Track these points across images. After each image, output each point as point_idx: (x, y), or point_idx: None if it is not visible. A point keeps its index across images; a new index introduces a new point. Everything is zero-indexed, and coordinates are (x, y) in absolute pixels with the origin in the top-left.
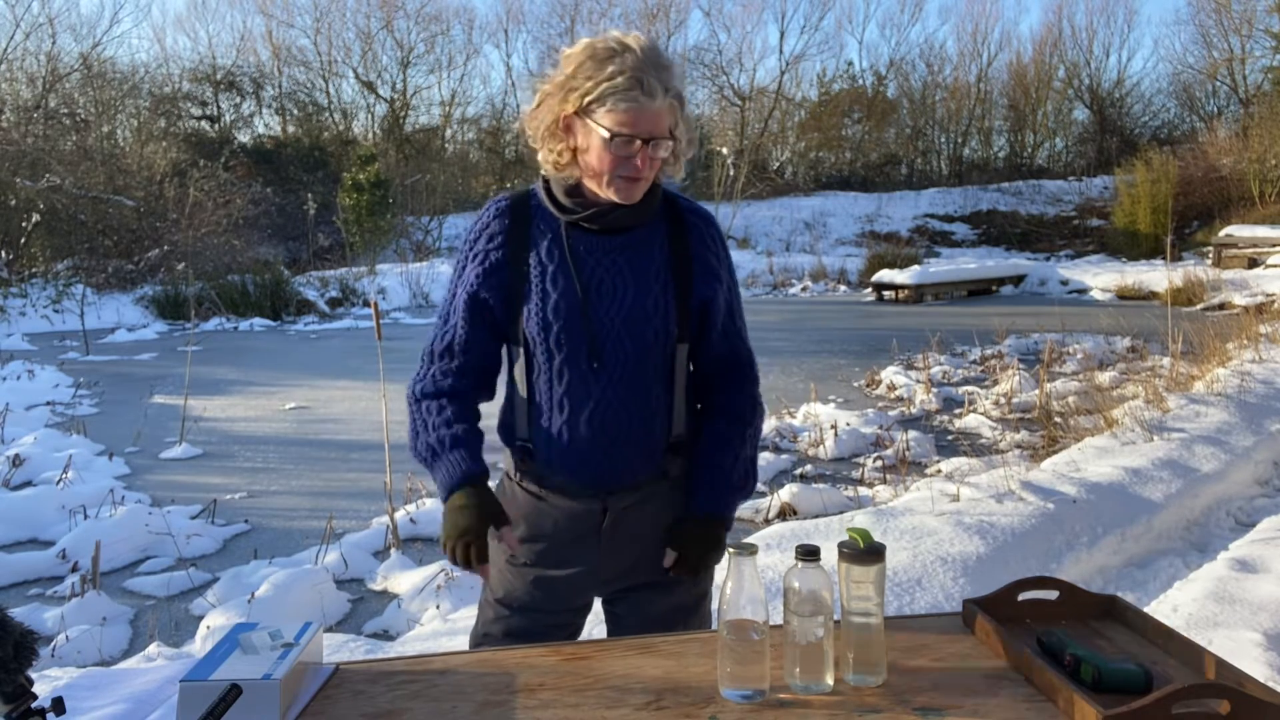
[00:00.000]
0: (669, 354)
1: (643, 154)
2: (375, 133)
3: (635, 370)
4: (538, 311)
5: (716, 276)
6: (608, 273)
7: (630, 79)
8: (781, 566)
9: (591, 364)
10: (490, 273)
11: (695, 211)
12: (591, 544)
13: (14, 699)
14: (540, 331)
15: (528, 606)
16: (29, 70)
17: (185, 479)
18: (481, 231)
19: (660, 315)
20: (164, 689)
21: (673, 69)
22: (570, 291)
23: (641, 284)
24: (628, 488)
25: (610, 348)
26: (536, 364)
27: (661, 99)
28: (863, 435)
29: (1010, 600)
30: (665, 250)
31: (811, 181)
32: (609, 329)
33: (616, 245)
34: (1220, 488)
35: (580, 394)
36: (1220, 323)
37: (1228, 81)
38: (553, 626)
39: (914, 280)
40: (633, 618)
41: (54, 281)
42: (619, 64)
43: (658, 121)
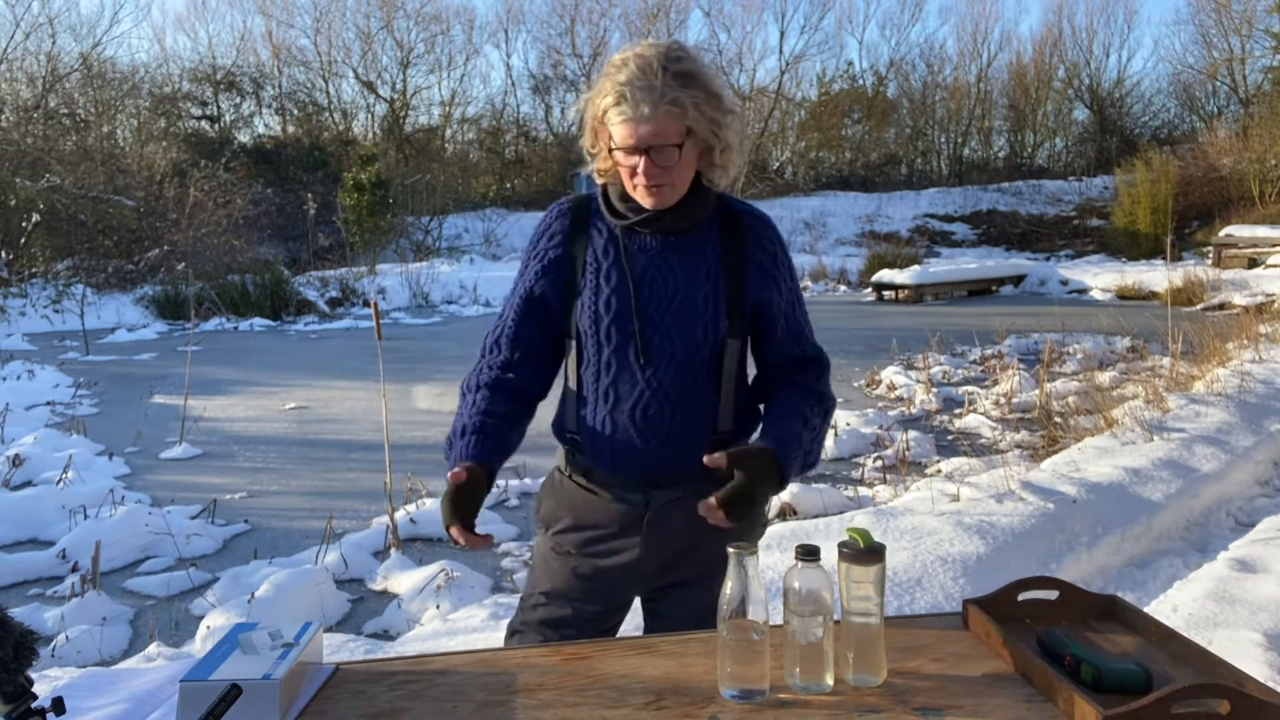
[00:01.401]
0: (717, 349)
1: (645, 164)
2: (375, 133)
3: (682, 364)
4: (590, 305)
5: (772, 279)
6: (659, 270)
7: (617, 95)
8: (781, 566)
9: (639, 358)
10: (549, 269)
11: (750, 213)
12: (634, 538)
13: (14, 699)
14: (591, 324)
15: (567, 596)
16: (29, 70)
17: (185, 479)
18: (544, 232)
19: (710, 311)
20: (164, 689)
21: (687, 75)
22: (622, 286)
23: (692, 281)
24: (671, 482)
25: (658, 341)
26: (586, 356)
27: (652, 109)
28: (863, 435)
29: (1010, 600)
30: (717, 251)
31: (811, 181)
32: (658, 323)
33: (670, 245)
34: (1220, 488)
35: (627, 386)
36: (1220, 323)
37: (1228, 81)
38: (590, 619)
39: (914, 280)
40: (673, 613)
41: (54, 281)
42: (614, 79)
43: (653, 131)
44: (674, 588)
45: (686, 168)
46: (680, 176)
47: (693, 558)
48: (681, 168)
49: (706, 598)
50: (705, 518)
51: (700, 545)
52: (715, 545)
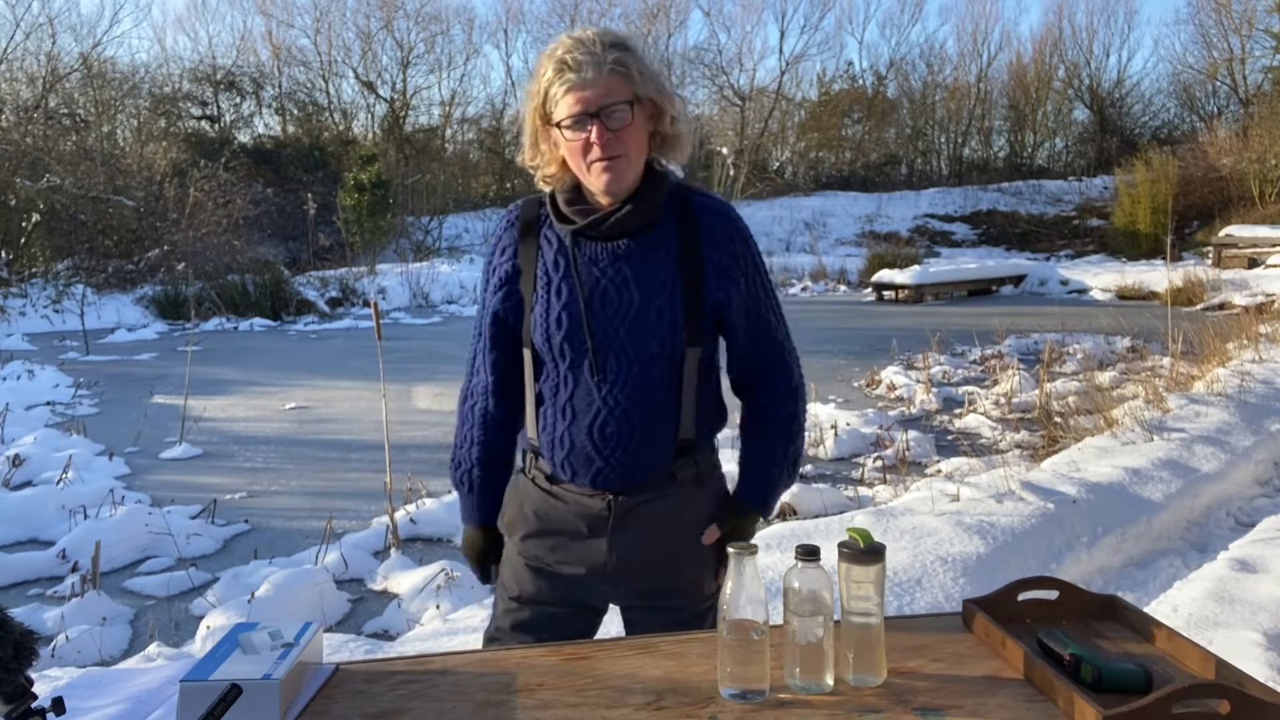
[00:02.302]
0: (677, 359)
1: (598, 129)
2: (375, 133)
3: (639, 378)
4: (541, 322)
5: (730, 278)
6: (612, 282)
7: (557, 65)
8: (781, 566)
9: (593, 374)
10: (501, 285)
11: (709, 209)
12: (600, 540)
13: (14, 699)
14: (544, 341)
15: (535, 599)
16: (29, 70)
17: (185, 479)
18: (495, 245)
19: (666, 323)
20: (164, 689)
21: (616, 43)
22: (573, 302)
23: (646, 292)
24: (634, 490)
25: (613, 357)
26: (544, 370)
27: (595, 71)
28: (863, 435)
29: (1010, 600)
30: (674, 254)
31: (811, 181)
32: (612, 339)
33: (622, 252)
34: (1220, 488)
35: (584, 402)
36: (1220, 323)
37: (1228, 81)
38: (561, 620)
39: (914, 280)
40: (652, 623)
41: (54, 281)
42: (548, 59)
43: (601, 92)
44: (650, 597)
45: (639, 135)
46: (634, 144)
47: (665, 571)
48: (634, 134)
49: (681, 612)
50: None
51: (670, 557)
52: (685, 551)
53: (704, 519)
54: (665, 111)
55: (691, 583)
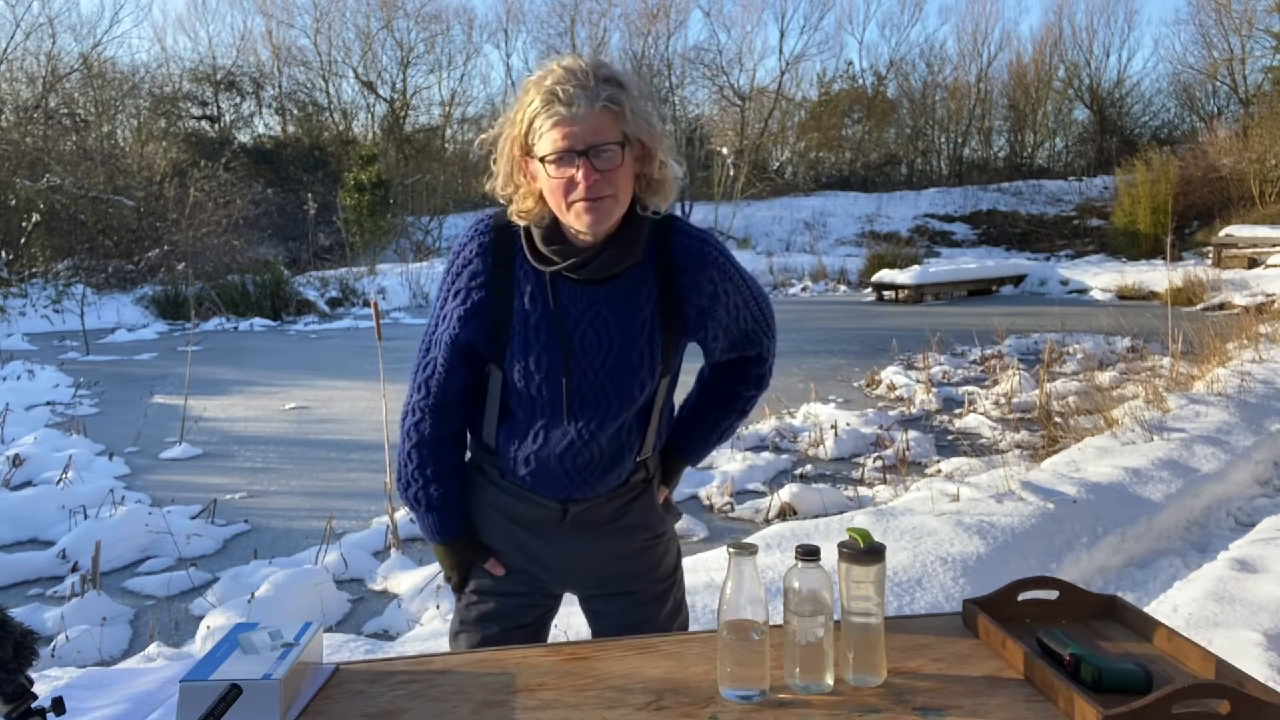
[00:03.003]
0: (649, 400)
1: (584, 168)
2: (375, 133)
3: (615, 416)
4: (520, 360)
5: (711, 315)
6: (591, 326)
7: (546, 96)
8: (781, 566)
9: (568, 413)
10: (473, 313)
11: (687, 254)
12: (552, 538)
13: (14, 699)
14: (522, 379)
15: (495, 591)
16: (29, 70)
17: (185, 479)
18: (464, 267)
19: (646, 365)
20: (164, 689)
21: (610, 78)
22: (553, 345)
23: (627, 337)
24: (590, 498)
25: (590, 399)
26: (516, 394)
27: (587, 106)
28: (863, 435)
29: (1010, 600)
30: (654, 297)
31: (811, 181)
32: (590, 380)
33: (601, 296)
34: (1220, 488)
35: (556, 434)
36: (1220, 323)
37: (1228, 81)
38: (521, 608)
39: (914, 280)
40: (611, 612)
41: (54, 281)
42: (536, 88)
43: (590, 129)
44: (607, 585)
45: (627, 176)
46: (621, 186)
47: (618, 560)
48: (623, 175)
49: (639, 595)
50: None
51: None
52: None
53: (652, 512)
54: (654, 154)
55: (646, 568)
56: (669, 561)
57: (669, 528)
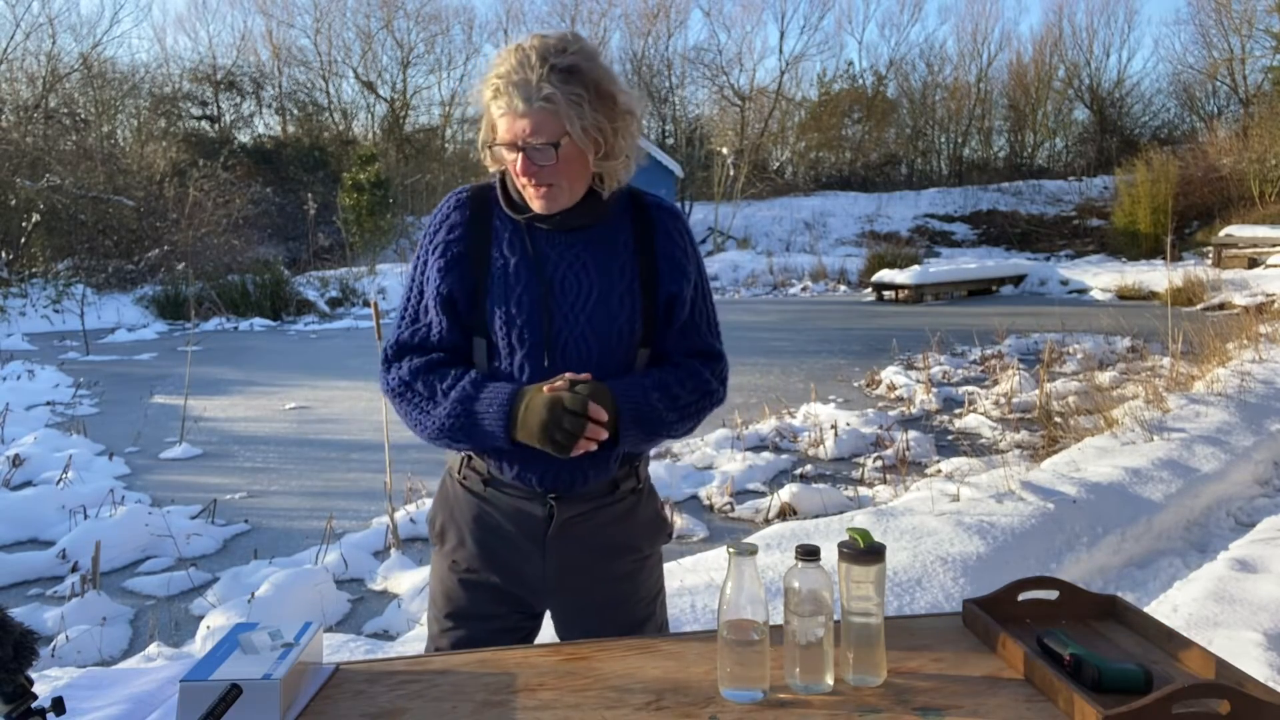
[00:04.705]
0: (630, 356)
1: (522, 161)
2: (375, 133)
3: (595, 370)
4: (501, 305)
5: (683, 272)
6: (570, 268)
7: (493, 88)
8: (781, 566)
9: (551, 361)
10: (452, 265)
11: (661, 207)
12: (536, 550)
13: (14, 699)
14: (503, 326)
15: (470, 614)
16: (29, 70)
17: (185, 479)
18: (442, 223)
19: (625, 312)
20: (164, 689)
21: (566, 69)
22: (533, 286)
23: (606, 280)
24: (576, 495)
25: (572, 345)
26: (498, 356)
27: (524, 104)
28: (863, 435)
29: (1010, 600)
30: (630, 246)
31: (811, 181)
32: (572, 326)
33: (579, 240)
34: (1220, 488)
35: None
36: (1220, 323)
37: (1228, 81)
38: (500, 632)
39: (914, 280)
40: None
41: (54, 281)
42: (495, 70)
43: (526, 128)
44: (587, 608)
45: (572, 169)
46: (567, 178)
47: (603, 582)
48: (565, 169)
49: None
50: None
51: (607, 565)
52: (623, 565)
53: (641, 533)
54: (613, 149)
55: (631, 592)
56: (653, 584)
57: (657, 549)
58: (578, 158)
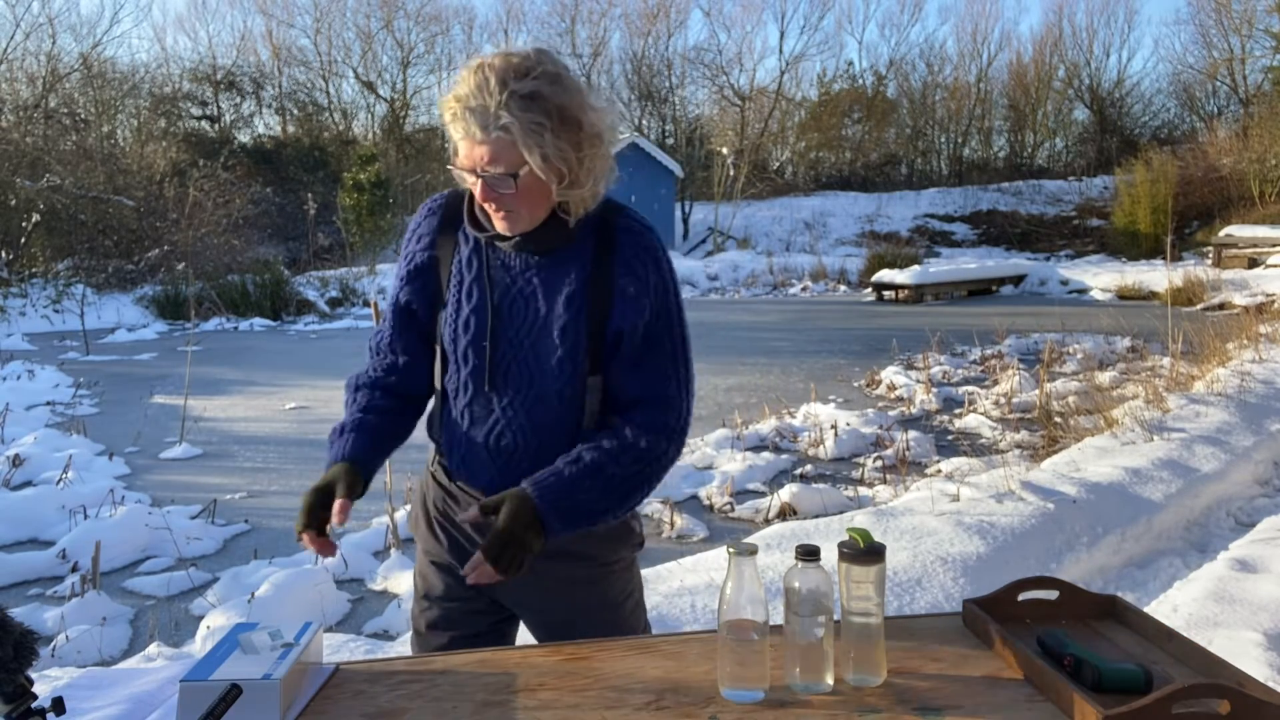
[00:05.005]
0: (577, 385)
1: (481, 188)
2: (375, 133)
3: (538, 396)
4: (451, 322)
5: (637, 306)
6: (521, 292)
7: (451, 112)
8: (781, 566)
9: (491, 384)
10: (414, 275)
11: (628, 232)
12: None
13: (14, 699)
14: (451, 342)
15: (443, 597)
16: (29, 70)
17: (185, 479)
18: (413, 231)
19: (567, 344)
20: (164, 689)
21: (531, 95)
22: (482, 307)
23: (554, 307)
24: None
25: (514, 370)
26: (448, 370)
27: (482, 133)
28: (863, 435)
29: (1010, 600)
30: (585, 272)
31: (811, 181)
32: (514, 350)
33: (535, 264)
34: (1220, 488)
35: (481, 410)
36: (1220, 323)
37: (1228, 81)
38: (472, 614)
39: (914, 280)
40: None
41: (54, 281)
42: (455, 91)
43: (483, 156)
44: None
45: (532, 198)
46: (526, 206)
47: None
48: (525, 198)
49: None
50: (476, 580)
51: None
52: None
53: (598, 543)
54: (577, 178)
55: (591, 600)
56: (619, 592)
57: (621, 557)
58: (538, 187)
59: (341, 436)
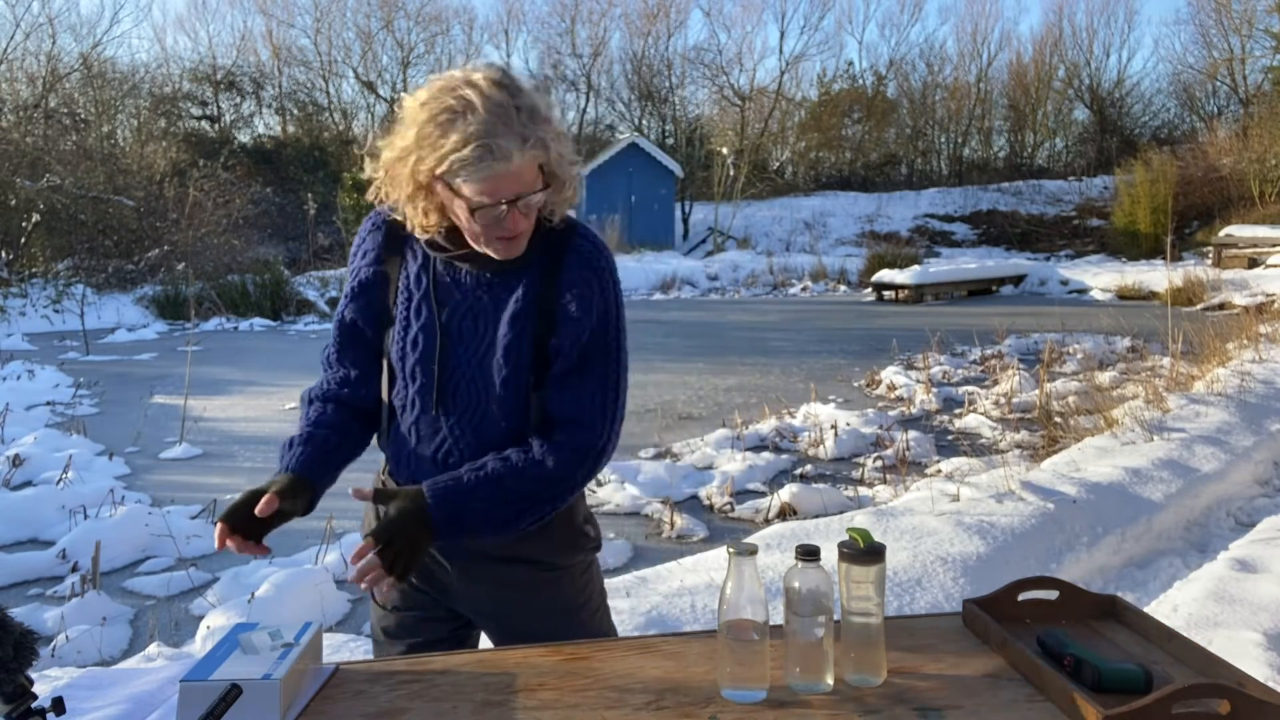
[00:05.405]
0: (523, 403)
1: (512, 215)
2: (375, 133)
3: (484, 415)
4: (399, 340)
5: (575, 321)
6: (469, 311)
7: (478, 148)
8: (781, 566)
9: (438, 404)
10: (360, 291)
11: (576, 252)
12: (445, 562)
13: (14, 699)
14: (399, 360)
15: (400, 605)
16: (29, 70)
17: (185, 479)
18: (359, 247)
19: (512, 363)
20: (164, 689)
21: (532, 109)
22: (430, 326)
23: (500, 327)
24: None
25: (462, 390)
26: (397, 386)
27: (520, 155)
28: (863, 435)
29: (1010, 600)
30: (534, 290)
31: (811, 181)
32: (461, 370)
33: (484, 282)
34: (1220, 488)
35: (428, 429)
36: (1220, 323)
37: (1228, 81)
38: (430, 621)
39: (914, 280)
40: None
41: (54, 281)
42: (463, 130)
43: (520, 180)
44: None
45: (534, 211)
46: (534, 218)
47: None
48: (533, 213)
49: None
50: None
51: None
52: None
53: (551, 547)
54: (564, 180)
55: (542, 605)
56: (576, 595)
57: (576, 561)
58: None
59: (290, 450)
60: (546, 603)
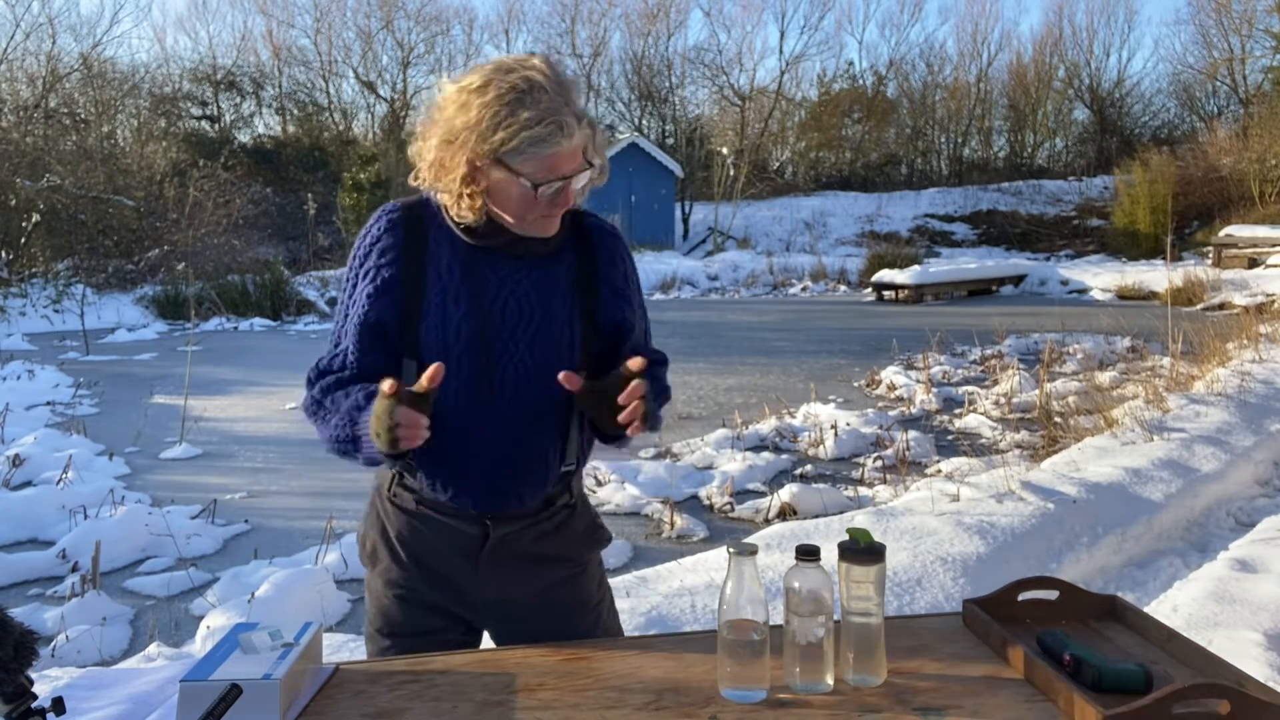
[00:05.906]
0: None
1: (567, 190)
2: (375, 133)
3: (536, 396)
4: (438, 333)
5: (626, 298)
6: (512, 295)
7: (550, 124)
8: (781, 566)
9: (490, 390)
10: (383, 291)
11: (601, 230)
12: (470, 567)
13: (14, 699)
14: (440, 354)
15: (407, 633)
16: (29, 70)
17: (185, 479)
18: (372, 246)
19: (566, 341)
20: (164, 689)
21: (576, 89)
22: (473, 314)
23: (548, 307)
24: (511, 515)
25: (511, 374)
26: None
27: (579, 133)
28: (863, 435)
29: (1010, 600)
30: (573, 271)
31: (811, 181)
32: (512, 352)
33: (522, 266)
34: (1220, 488)
35: (475, 417)
36: (1220, 323)
37: (1228, 81)
38: (441, 645)
39: (914, 280)
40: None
41: (54, 281)
42: (534, 108)
43: (576, 158)
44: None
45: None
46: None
47: (540, 602)
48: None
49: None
50: (631, 403)
51: (544, 581)
52: (560, 582)
53: (575, 543)
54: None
55: (573, 601)
56: (594, 592)
57: (594, 556)
58: None
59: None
60: (573, 600)
